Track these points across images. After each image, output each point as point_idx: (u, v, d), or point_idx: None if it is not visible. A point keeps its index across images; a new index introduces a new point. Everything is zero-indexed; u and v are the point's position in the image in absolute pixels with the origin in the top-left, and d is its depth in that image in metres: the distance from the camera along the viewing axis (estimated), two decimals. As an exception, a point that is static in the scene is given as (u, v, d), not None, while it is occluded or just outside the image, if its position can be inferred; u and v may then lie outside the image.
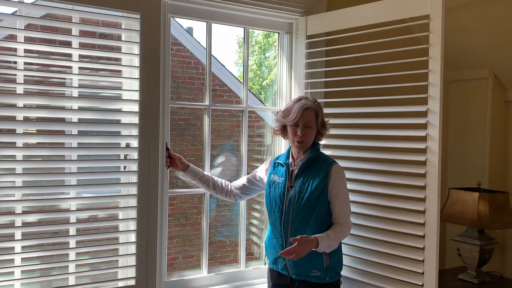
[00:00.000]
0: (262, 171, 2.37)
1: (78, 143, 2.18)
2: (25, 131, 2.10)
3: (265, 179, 2.31)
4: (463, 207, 2.77)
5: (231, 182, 2.44)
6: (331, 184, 2.10)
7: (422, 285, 2.16)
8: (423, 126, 2.16)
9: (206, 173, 2.39)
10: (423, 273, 2.15)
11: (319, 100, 2.30)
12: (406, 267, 2.23)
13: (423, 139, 2.16)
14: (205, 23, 2.52)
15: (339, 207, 2.12)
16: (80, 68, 2.16)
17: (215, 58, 3.82)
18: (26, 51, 2.07)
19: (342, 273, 2.29)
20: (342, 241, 2.23)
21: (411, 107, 2.24)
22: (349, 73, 2.49)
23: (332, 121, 2.28)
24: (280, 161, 2.25)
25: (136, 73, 2.23)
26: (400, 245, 2.26)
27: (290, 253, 1.95)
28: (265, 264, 2.41)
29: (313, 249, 2.01)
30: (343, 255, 2.28)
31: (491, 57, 3.03)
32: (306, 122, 2.12)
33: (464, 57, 3.16)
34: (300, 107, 2.11)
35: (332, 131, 2.31)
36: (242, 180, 2.43)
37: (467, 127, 3.25)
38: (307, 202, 2.08)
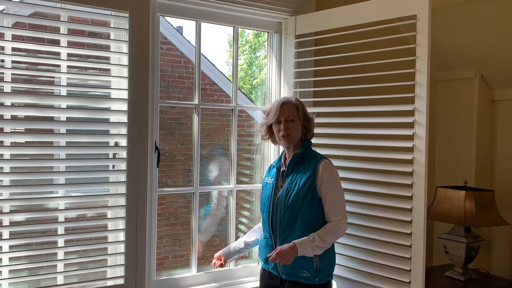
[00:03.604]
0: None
1: (67, 142, 2.17)
2: (13, 130, 2.09)
3: None
4: (450, 205, 2.81)
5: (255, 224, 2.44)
6: (319, 180, 2.07)
7: (409, 282, 2.18)
8: (410, 125, 2.18)
9: (238, 243, 2.38)
10: (410, 270, 2.18)
11: (307, 100, 2.30)
12: (394, 264, 2.25)
13: (410, 138, 2.18)
14: (195, 22, 2.53)
15: (329, 204, 2.08)
16: (68, 66, 2.16)
17: (205, 57, 3.82)
18: (14, 49, 2.06)
19: (331, 271, 2.31)
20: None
21: (399, 106, 2.26)
22: (337, 73, 2.51)
23: (320, 120, 2.29)
24: (273, 164, 2.27)
25: (125, 72, 2.23)
26: (387, 242, 2.29)
27: (274, 260, 1.97)
28: (258, 263, 2.42)
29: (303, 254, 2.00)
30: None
31: (478, 57, 3.07)
32: (287, 116, 2.13)
33: (451, 57, 3.20)
34: (278, 103, 2.17)
35: (320, 130, 2.32)
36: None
37: (454, 126, 3.29)
38: (294, 200, 2.07)
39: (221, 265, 2.37)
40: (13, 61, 2.06)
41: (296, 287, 2.10)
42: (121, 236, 2.24)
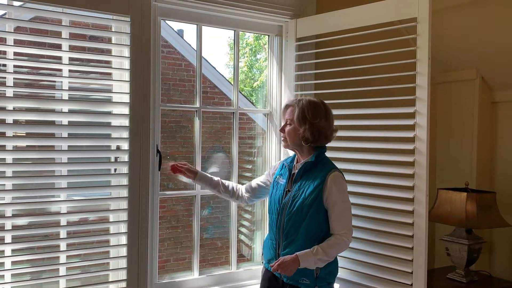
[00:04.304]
0: (273, 170, 2.36)
1: (68, 146, 2.18)
2: (14, 134, 2.10)
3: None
4: (451, 207, 2.81)
5: (242, 185, 2.45)
6: (326, 192, 2.04)
7: (411, 285, 2.18)
8: (411, 128, 2.19)
9: (215, 178, 2.38)
10: (412, 273, 2.18)
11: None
12: (395, 266, 2.25)
13: (411, 140, 2.18)
14: (196, 25, 2.53)
15: (335, 217, 2.06)
16: (70, 70, 2.16)
17: (206, 60, 3.81)
18: (15, 54, 2.07)
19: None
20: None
21: (399, 109, 2.26)
22: (338, 75, 2.51)
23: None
24: (286, 163, 2.24)
25: (126, 75, 2.23)
26: (389, 245, 2.29)
27: (276, 270, 1.98)
28: (262, 262, 2.41)
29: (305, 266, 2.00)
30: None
31: (478, 59, 3.08)
32: (286, 119, 2.16)
33: (452, 59, 3.20)
34: (283, 107, 2.22)
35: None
36: (255, 182, 2.40)
37: (454, 128, 3.29)
38: (299, 208, 2.06)
39: (180, 171, 2.31)
40: (15, 66, 2.06)
41: None
42: (123, 239, 2.24)
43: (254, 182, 2.41)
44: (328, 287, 2.13)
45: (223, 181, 2.40)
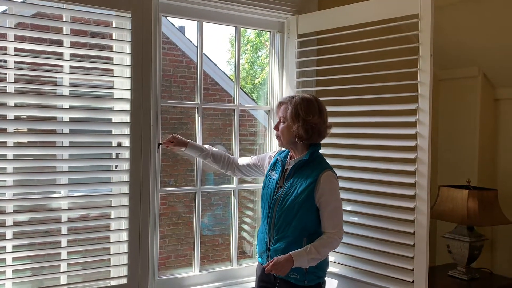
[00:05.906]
0: (267, 158, 2.36)
1: (70, 142, 2.18)
2: (16, 130, 2.09)
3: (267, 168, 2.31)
4: (453, 205, 2.80)
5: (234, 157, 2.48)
6: (319, 192, 2.03)
7: (412, 282, 2.18)
8: (413, 125, 2.18)
9: (206, 147, 2.41)
10: (413, 270, 2.18)
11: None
12: (397, 263, 2.25)
13: (413, 137, 2.18)
14: (197, 22, 2.53)
15: (326, 217, 2.05)
16: (71, 67, 2.16)
17: (207, 57, 3.81)
18: (16, 49, 2.06)
19: (333, 270, 2.30)
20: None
21: (401, 106, 2.26)
22: (340, 72, 2.51)
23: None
24: (280, 158, 2.23)
25: (127, 72, 2.23)
26: (390, 242, 2.29)
27: (269, 271, 1.98)
28: (256, 255, 2.42)
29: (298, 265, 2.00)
30: (335, 252, 2.28)
31: (480, 55, 3.07)
32: (279, 117, 2.16)
33: (454, 56, 3.19)
34: (276, 104, 2.22)
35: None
36: (248, 159, 2.43)
37: (456, 125, 3.29)
38: (290, 206, 2.06)
39: (170, 143, 2.33)
40: (16, 62, 2.06)
41: (287, 286, 2.09)
42: (124, 236, 2.24)
43: (250, 158, 2.44)
44: (318, 281, 2.11)
45: (214, 150, 2.41)
